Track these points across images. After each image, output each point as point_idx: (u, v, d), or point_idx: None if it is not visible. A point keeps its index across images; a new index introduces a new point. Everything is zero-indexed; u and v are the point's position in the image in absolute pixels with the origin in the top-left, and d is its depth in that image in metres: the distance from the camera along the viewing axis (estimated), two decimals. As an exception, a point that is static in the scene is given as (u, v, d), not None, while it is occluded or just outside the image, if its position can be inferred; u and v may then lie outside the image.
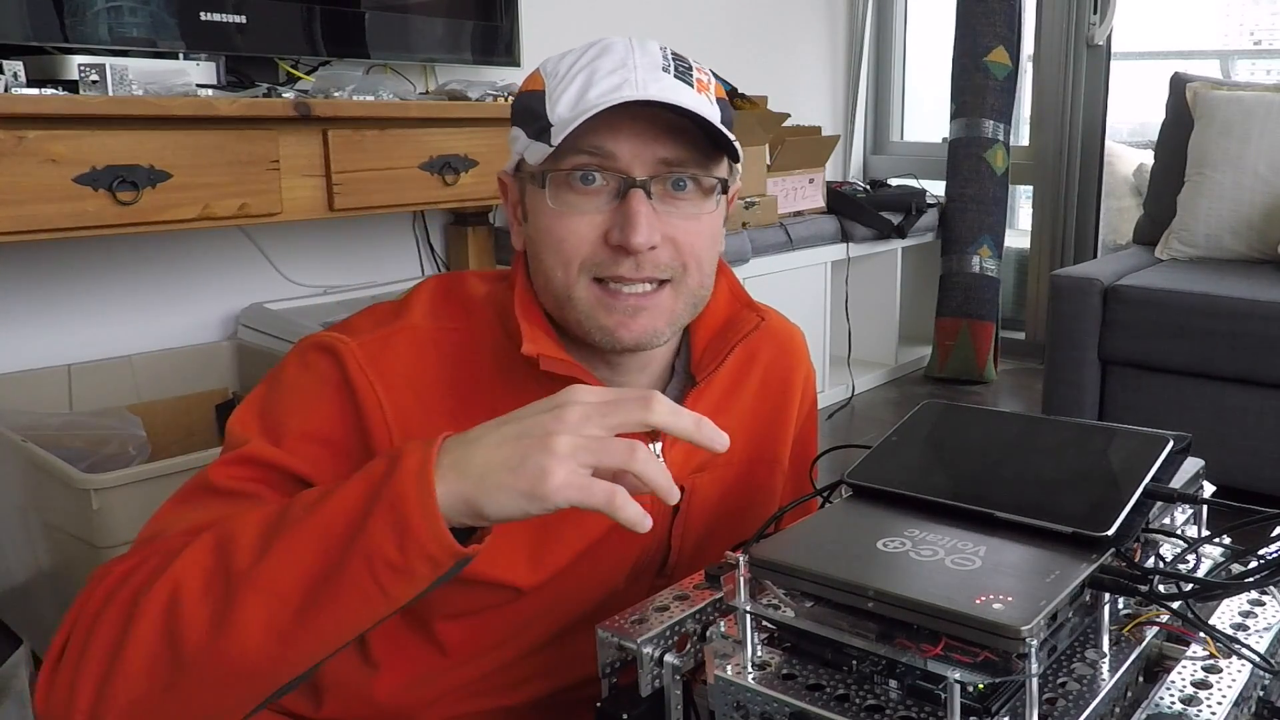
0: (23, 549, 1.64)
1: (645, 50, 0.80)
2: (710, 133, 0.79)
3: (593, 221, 0.79)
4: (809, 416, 1.03)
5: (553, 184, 0.79)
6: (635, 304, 0.80)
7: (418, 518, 0.61)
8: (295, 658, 0.64)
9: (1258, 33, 4.04)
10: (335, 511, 0.63)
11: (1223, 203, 2.66)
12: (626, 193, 0.78)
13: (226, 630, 0.62)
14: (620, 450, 0.61)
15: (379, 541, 0.61)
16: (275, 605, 0.62)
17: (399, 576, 0.62)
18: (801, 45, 3.60)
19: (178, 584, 0.64)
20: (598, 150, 0.77)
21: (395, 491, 0.62)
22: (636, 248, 0.77)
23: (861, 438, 2.83)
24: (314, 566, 0.62)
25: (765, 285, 2.71)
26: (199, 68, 1.79)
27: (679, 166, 0.79)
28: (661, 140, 0.78)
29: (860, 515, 0.72)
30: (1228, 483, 0.90)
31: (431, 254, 2.50)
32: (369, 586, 0.62)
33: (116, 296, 2.03)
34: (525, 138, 0.81)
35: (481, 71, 2.36)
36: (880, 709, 0.59)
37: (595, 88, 0.77)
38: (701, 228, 0.82)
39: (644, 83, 0.77)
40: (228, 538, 0.65)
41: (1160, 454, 0.72)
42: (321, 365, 0.80)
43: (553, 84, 0.80)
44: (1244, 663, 0.63)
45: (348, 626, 0.64)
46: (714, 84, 0.83)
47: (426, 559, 0.61)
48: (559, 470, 0.60)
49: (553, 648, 0.88)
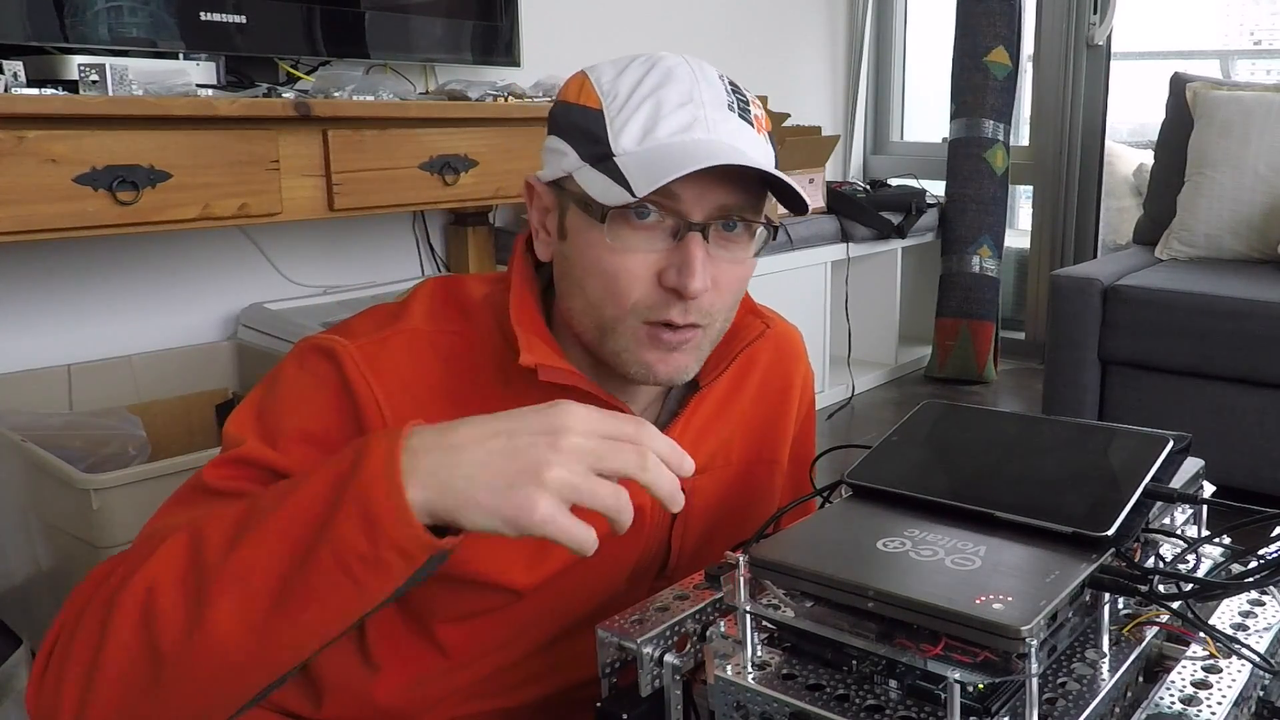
0: (23, 549, 1.64)
1: (708, 80, 0.79)
2: (769, 181, 0.78)
3: (647, 260, 0.78)
4: (807, 416, 1.03)
5: (613, 219, 0.77)
6: (676, 341, 0.80)
7: (385, 508, 0.60)
8: (274, 654, 0.64)
9: (1258, 33, 4.04)
10: (303, 503, 0.63)
11: (1223, 203, 2.66)
12: (685, 235, 0.77)
13: (202, 626, 0.62)
14: (611, 491, 0.61)
15: (346, 531, 0.60)
16: (248, 599, 0.62)
17: (370, 569, 0.60)
18: (801, 45, 3.60)
19: (153, 581, 0.64)
20: (661, 189, 0.75)
21: (362, 481, 0.61)
22: (694, 293, 0.76)
23: (861, 438, 2.83)
24: (284, 559, 0.61)
25: (765, 285, 2.70)
26: (199, 68, 1.79)
27: (736, 211, 0.79)
28: (723, 185, 0.77)
29: (860, 515, 0.72)
30: (1228, 483, 0.90)
31: (431, 254, 2.50)
32: (340, 579, 0.61)
33: (116, 296, 2.03)
34: (577, 158, 0.79)
35: (481, 71, 2.36)
36: (880, 709, 0.59)
37: (664, 123, 0.76)
38: (743, 272, 0.82)
39: (713, 122, 0.77)
40: (201, 533, 0.65)
41: (1160, 454, 0.72)
42: (319, 367, 0.79)
43: (613, 107, 0.78)
44: (1244, 663, 0.63)
45: (325, 621, 0.63)
46: (765, 117, 0.83)
47: (397, 550, 0.60)
48: (545, 505, 0.59)
49: (553, 650, 0.88)
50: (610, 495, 0.61)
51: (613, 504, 0.61)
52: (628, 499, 0.62)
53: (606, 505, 0.61)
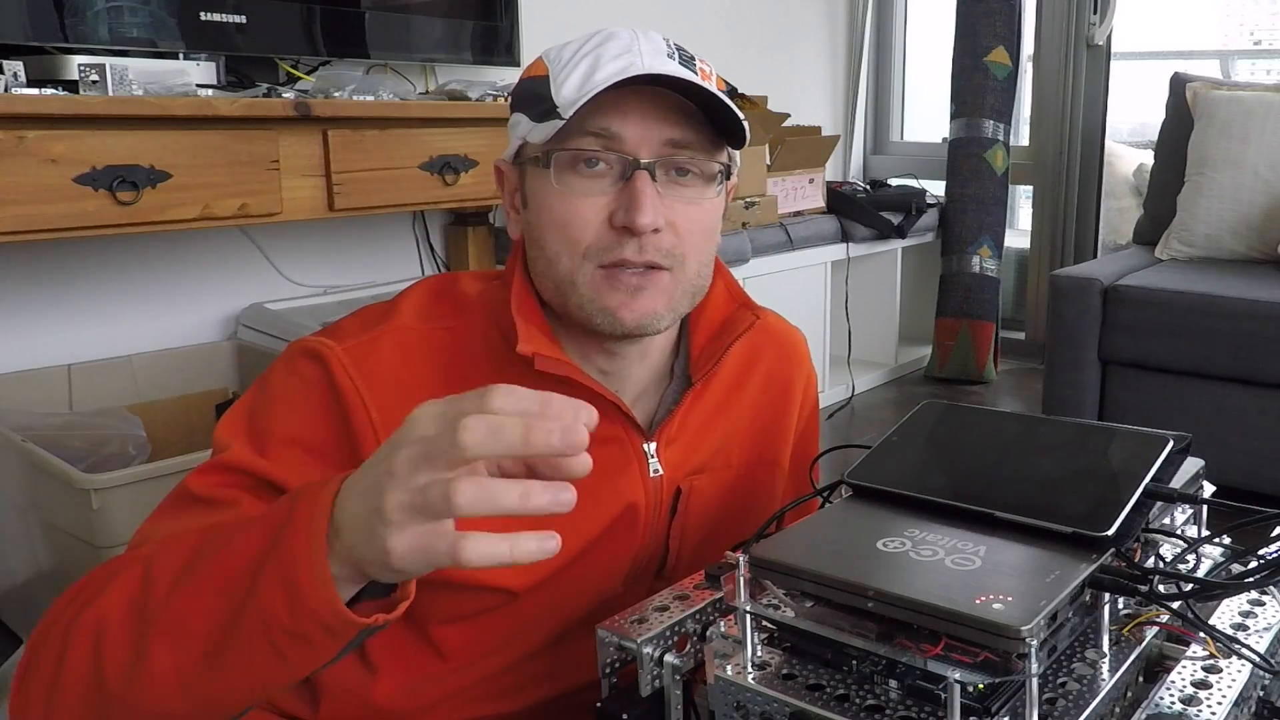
0: (23, 549, 1.64)
1: (649, 38, 0.80)
2: (716, 118, 0.79)
3: (596, 204, 0.78)
4: (810, 419, 1.03)
5: (557, 164, 0.78)
6: (637, 283, 0.79)
7: (307, 581, 0.56)
8: (207, 705, 0.62)
9: (1258, 33, 4.04)
10: (238, 553, 0.60)
11: (1223, 203, 2.66)
12: (631, 175, 0.78)
13: (141, 669, 0.61)
14: (450, 499, 0.51)
15: (269, 601, 0.57)
16: (181, 650, 0.60)
17: (295, 642, 0.58)
18: (801, 45, 3.60)
19: (103, 616, 0.63)
20: (604, 131, 0.77)
21: (286, 552, 0.57)
22: (641, 228, 0.77)
23: (861, 438, 2.83)
24: (216, 614, 0.59)
25: (765, 285, 2.71)
26: (199, 68, 1.79)
27: (684, 148, 0.79)
28: (668, 121, 0.78)
29: (860, 515, 0.72)
30: (1228, 483, 0.90)
31: (431, 254, 2.50)
32: (265, 647, 0.58)
33: (116, 296, 2.03)
34: (528, 121, 0.81)
35: (481, 71, 2.36)
36: (880, 709, 0.59)
37: (602, 70, 0.77)
38: (702, 214, 0.82)
39: (650, 65, 0.77)
40: (151, 570, 0.63)
41: (1160, 454, 0.72)
42: (308, 371, 0.79)
43: (556, 69, 0.80)
44: (1244, 663, 0.63)
45: (254, 683, 0.61)
46: (716, 76, 0.83)
47: (321, 627, 0.57)
48: (397, 542, 0.53)
49: (551, 653, 0.87)
50: (474, 489, 0.51)
51: (483, 496, 0.51)
52: (507, 485, 0.52)
53: (484, 503, 0.51)
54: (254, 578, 0.58)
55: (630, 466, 0.85)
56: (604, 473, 0.84)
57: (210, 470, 0.76)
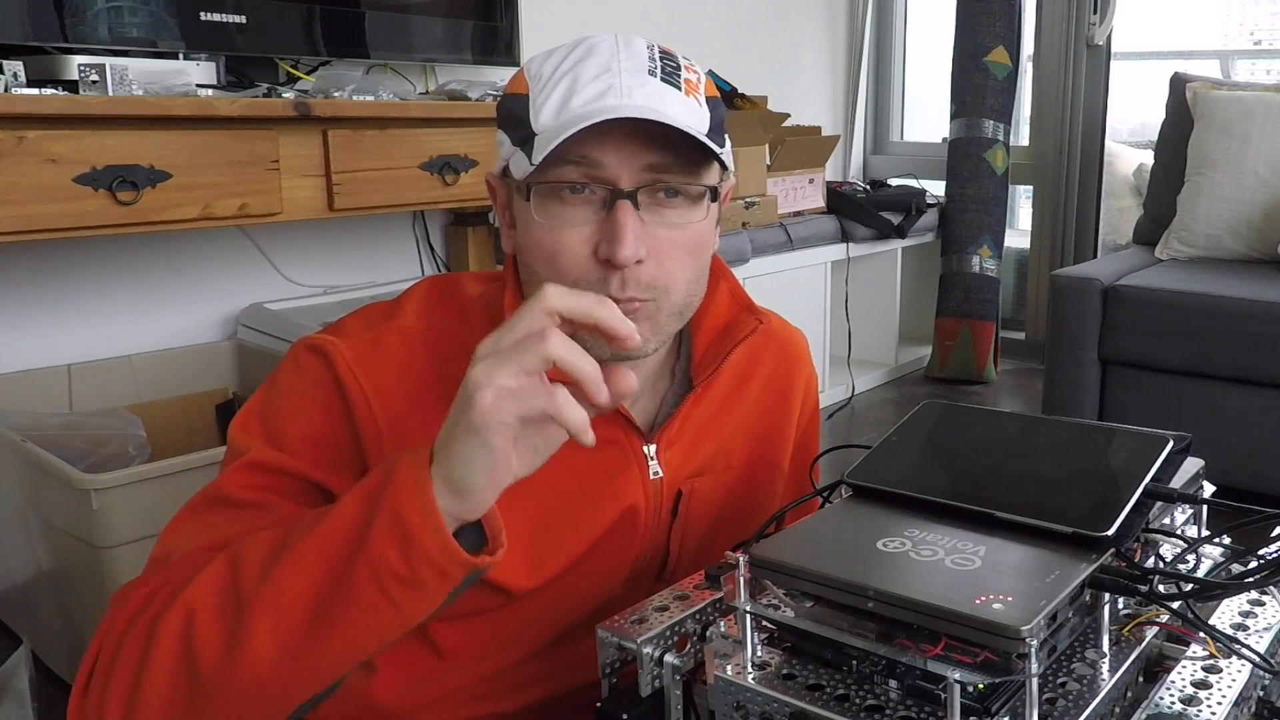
0: (23, 549, 1.64)
1: (631, 51, 0.78)
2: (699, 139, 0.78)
3: (580, 235, 0.77)
4: (811, 420, 1.03)
5: (537, 196, 0.77)
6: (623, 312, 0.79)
7: (420, 528, 0.60)
8: (311, 673, 0.65)
9: (1258, 33, 4.04)
10: (336, 526, 0.64)
11: (1223, 203, 2.66)
12: (614, 204, 0.76)
13: (239, 649, 0.63)
14: (540, 395, 0.61)
15: (383, 553, 0.61)
16: (283, 621, 0.63)
17: (408, 589, 0.62)
18: (801, 45, 3.60)
19: (192, 606, 0.65)
20: (583, 160, 0.75)
21: (394, 501, 0.61)
22: (623, 261, 0.75)
23: (861, 438, 2.83)
24: (318, 581, 0.62)
25: (765, 285, 2.71)
26: (199, 68, 1.79)
27: (666, 173, 0.77)
28: (649, 147, 0.76)
29: (860, 515, 0.72)
30: (1228, 483, 0.90)
31: (431, 254, 2.50)
32: (377, 600, 0.62)
33: (116, 296, 2.03)
34: (510, 144, 0.80)
35: (481, 71, 2.36)
36: (880, 709, 0.59)
37: (578, 95, 0.75)
38: (688, 236, 0.80)
39: (629, 89, 0.76)
40: (238, 558, 0.66)
41: (1160, 454, 0.72)
42: (313, 367, 0.80)
43: (536, 88, 0.78)
44: (1244, 663, 0.63)
45: (361, 641, 0.64)
46: (704, 81, 0.82)
47: (434, 569, 0.61)
48: (487, 397, 0.60)
49: (550, 653, 0.87)
50: (543, 393, 0.61)
51: (547, 403, 0.60)
52: (564, 394, 0.61)
53: (544, 405, 0.60)
54: (361, 535, 0.62)
55: (630, 468, 0.85)
56: (604, 474, 0.84)
57: (240, 471, 0.77)
